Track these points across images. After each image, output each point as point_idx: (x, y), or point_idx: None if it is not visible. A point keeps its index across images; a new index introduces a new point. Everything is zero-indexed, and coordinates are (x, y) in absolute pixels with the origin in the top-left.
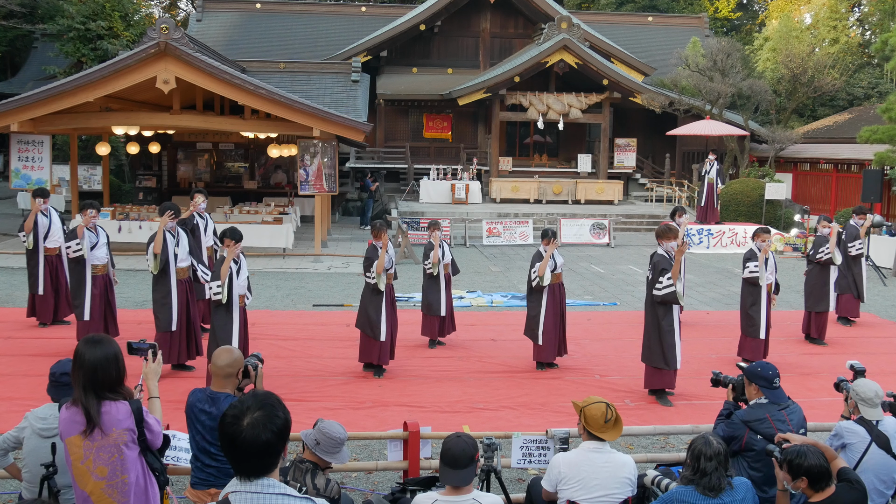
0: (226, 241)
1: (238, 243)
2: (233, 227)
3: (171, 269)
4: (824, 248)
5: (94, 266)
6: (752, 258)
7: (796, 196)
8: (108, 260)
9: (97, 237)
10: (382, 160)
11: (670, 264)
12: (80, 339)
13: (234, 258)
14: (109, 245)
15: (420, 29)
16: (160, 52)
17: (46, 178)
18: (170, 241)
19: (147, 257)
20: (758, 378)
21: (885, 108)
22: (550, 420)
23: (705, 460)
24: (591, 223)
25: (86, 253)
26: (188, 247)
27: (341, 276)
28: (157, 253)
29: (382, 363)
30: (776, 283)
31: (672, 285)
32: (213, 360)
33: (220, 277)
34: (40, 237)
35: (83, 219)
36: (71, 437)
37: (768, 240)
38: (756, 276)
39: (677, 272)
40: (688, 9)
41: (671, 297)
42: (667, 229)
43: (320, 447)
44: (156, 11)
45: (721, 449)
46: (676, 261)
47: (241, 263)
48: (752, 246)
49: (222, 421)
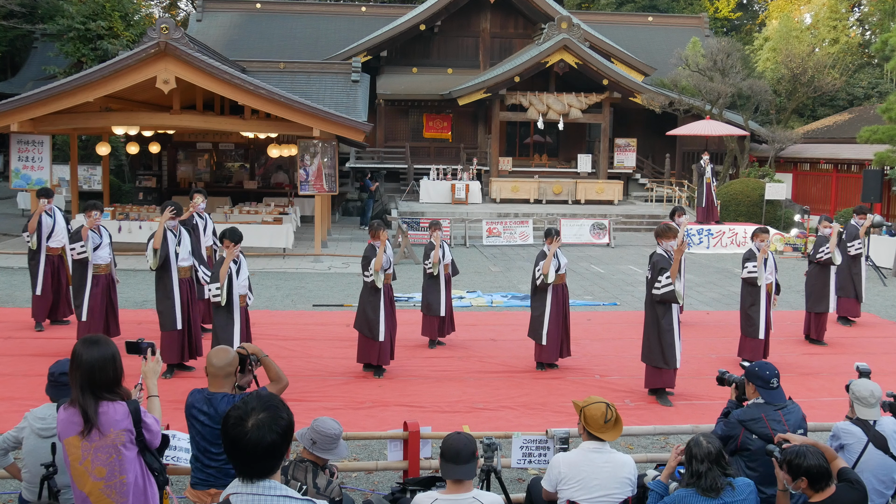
0: (225, 242)
1: (237, 244)
2: (232, 228)
3: (172, 267)
4: (824, 249)
5: (97, 266)
6: (751, 258)
7: (796, 196)
8: (110, 260)
9: (101, 238)
10: (382, 160)
11: (669, 263)
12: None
13: (234, 259)
14: (112, 245)
15: (420, 29)
16: (160, 52)
17: (46, 178)
18: (171, 240)
19: (147, 253)
20: (755, 378)
21: (885, 108)
22: (550, 420)
23: (697, 462)
24: (591, 223)
25: (89, 254)
26: (190, 246)
27: (341, 276)
28: (157, 248)
29: (382, 363)
30: (776, 283)
31: (671, 284)
32: (209, 360)
33: (220, 279)
34: (43, 237)
35: (87, 220)
36: (69, 437)
37: (767, 240)
38: (755, 276)
39: (676, 271)
40: (688, 9)
41: (670, 297)
42: (666, 228)
43: (317, 446)
44: (156, 11)
45: (711, 449)
46: (675, 260)
47: (240, 264)
48: (752, 246)
49: (226, 422)
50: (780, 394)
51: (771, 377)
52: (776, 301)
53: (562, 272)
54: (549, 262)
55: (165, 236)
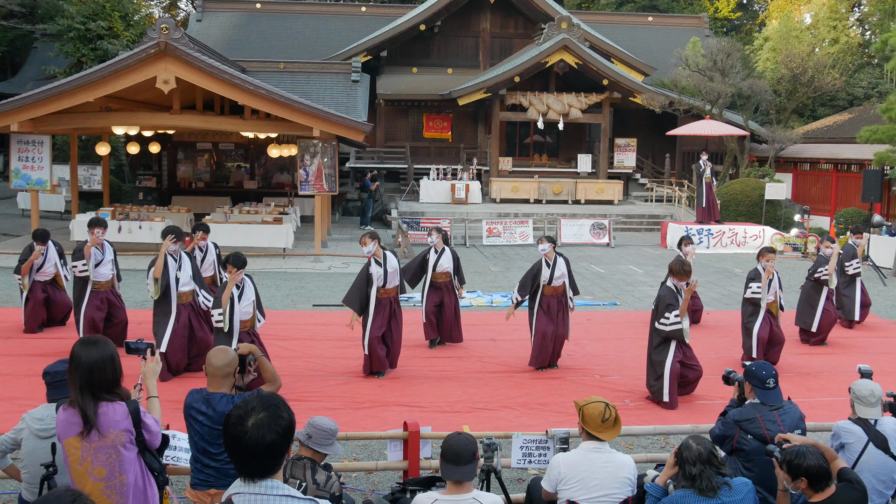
0: (228, 268)
1: (240, 269)
2: (236, 254)
3: (172, 293)
4: (823, 269)
5: (97, 282)
6: (755, 278)
7: (796, 196)
8: (112, 276)
9: (102, 254)
10: (382, 160)
11: (677, 300)
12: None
13: (237, 283)
14: (116, 262)
15: (420, 29)
16: (160, 52)
17: (46, 177)
18: (171, 265)
19: (147, 281)
20: (752, 377)
21: (885, 108)
22: (550, 420)
23: (689, 466)
24: (591, 223)
25: (91, 273)
26: (191, 271)
27: (341, 276)
28: (157, 278)
29: (381, 370)
30: (780, 304)
31: (679, 322)
32: (208, 360)
33: (222, 304)
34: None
35: (90, 238)
36: (69, 438)
37: (773, 260)
38: (758, 297)
39: (685, 310)
40: (688, 9)
41: (676, 335)
42: (680, 268)
43: (313, 440)
44: (156, 11)
45: (702, 451)
46: (685, 300)
47: (243, 288)
48: (757, 266)
49: (227, 422)
50: (776, 394)
51: (767, 377)
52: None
53: (554, 284)
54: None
55: (166, 264)
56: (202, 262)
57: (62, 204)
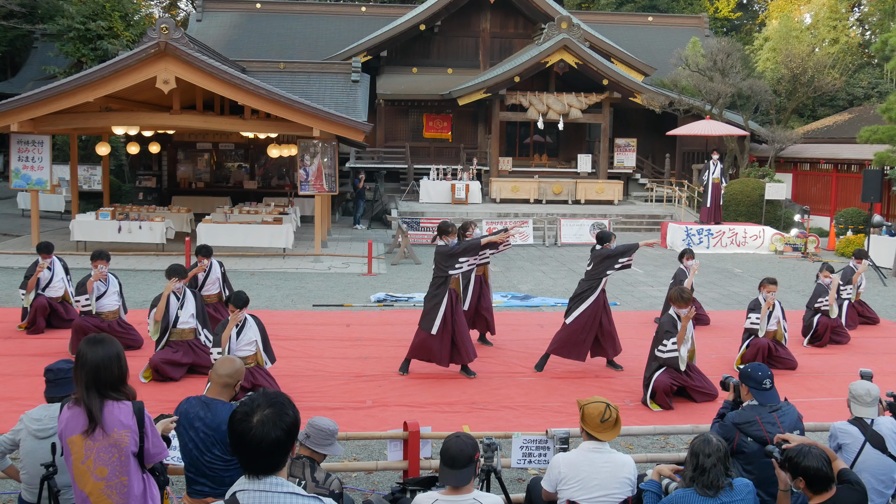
0: (230, 307)
1: (241, 309)
2: (238, 293)
3: (167, 333)
4: (823, 300)
5: (101, 313)
6: (755, 309)
7: (796, 196)
8: (117, 307)
9: (105, 286)
10: (382, 160)
11: (676, 328)
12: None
13: (237, 323)
14: (122, 293)
15: (420, 29)
16: (160, 52)
17: (46, 177)
18: (173, 304)
19: (147, 321)
20: (748, 379)
21: (885, 108)
22: (550, 420)
23: (704, 457)
24: (591, 223)
25: (93, 307)
26: (194, 309)
27: (341, 276)
28: (158, 321)
29: (440, 363)
30: (785, 336)
31: (675, 351)
32: (215, 367)
33: (221, 344)
34: (40, 289)
35: (94, 272)
36: (72, 436)
37: (774, 291)
38: (756, 328)
39: (682, 337)
40: (688, 9)
41: (673, 363)
42: (679, 296)
43: (311, 440)
44: (156, 11)
45: (721, 446)
46: (683, 327)
47: (243, 326)
48: (759, 296)
49: (232, 418)
50: (773, 395)
51: (763, 378)
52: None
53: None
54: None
55: (168, 305)
56: (205, 281)
57: (62, 204)
